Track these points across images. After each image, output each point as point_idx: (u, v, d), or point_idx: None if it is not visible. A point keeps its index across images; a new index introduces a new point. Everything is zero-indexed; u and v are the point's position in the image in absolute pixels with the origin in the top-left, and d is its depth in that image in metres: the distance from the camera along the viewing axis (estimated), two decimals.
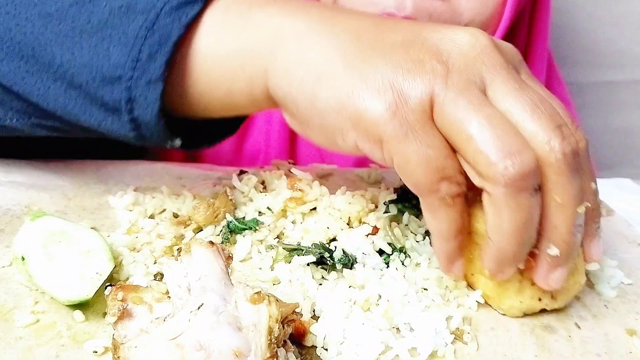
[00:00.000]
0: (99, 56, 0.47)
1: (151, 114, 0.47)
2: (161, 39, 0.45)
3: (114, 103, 0.47)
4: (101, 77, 0.47)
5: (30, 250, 0.44)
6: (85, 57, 0.47)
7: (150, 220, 0.55)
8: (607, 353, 0.44)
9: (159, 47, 0.45)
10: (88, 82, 0.47)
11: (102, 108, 0.48)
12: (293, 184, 0.56)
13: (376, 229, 0.51)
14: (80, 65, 0.47)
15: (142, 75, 0.46)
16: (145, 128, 0.48)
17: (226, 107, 0.50)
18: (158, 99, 0.46)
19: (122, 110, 0.47)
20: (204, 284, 0.38)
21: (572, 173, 0.41)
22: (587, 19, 1.19)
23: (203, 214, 0.53)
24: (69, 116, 0.51)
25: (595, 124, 1.19)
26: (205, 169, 0.69)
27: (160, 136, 0.49)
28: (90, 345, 0.41)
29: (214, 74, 0.48)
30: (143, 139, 0.49)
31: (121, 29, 0.46)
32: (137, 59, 0.46)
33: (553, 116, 0.41)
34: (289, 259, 0.49)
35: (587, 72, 1.21)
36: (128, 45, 0.46)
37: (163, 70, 0.45)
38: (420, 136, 0.40)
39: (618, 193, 0.70)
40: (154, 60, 0.45)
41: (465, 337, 0.44)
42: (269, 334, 0.36)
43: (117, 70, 0.46)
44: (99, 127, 0.50)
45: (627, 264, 0.55)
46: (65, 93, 0.49)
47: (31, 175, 0.63)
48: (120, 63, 0.46)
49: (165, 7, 0.46)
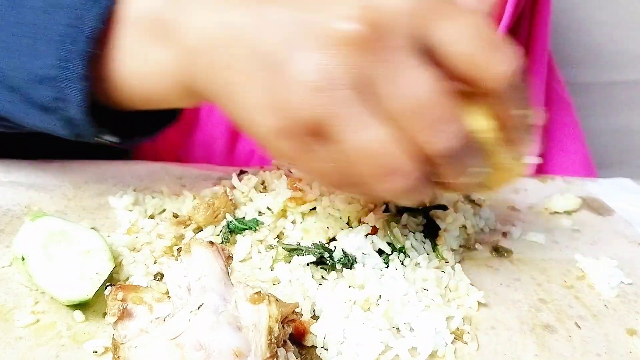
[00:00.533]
0: (30, 57, 0.47)
1: (79, 111, 0.47)
2: (80, 35, 0.45)
3: (47, 103, 0.48)
4: (34, 77, 0.47)
5: (30, 250, 0.44)
6: (18, 59, 0.48)
7: (150, 220, 0.55)
8: (607, 353, 0.44)
9: (79, 44, 0.45)
10: (22, 83, 0.48)
11: (38, 108, 0.49)
12: (293, 184, 0.56)
13: (375, 229, 0.51)
14: (14, 67, 0.48)
15: (66, 74, 0.46)
16: (76, 126, 0.49)
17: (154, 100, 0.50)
18: (81, 96, 0.46)
19: (54, 109, 0.48)
20: (204, 284, 0.38)
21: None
22: (587, 20, 1.19)
23: (203, 214, 0.53)
24: (13, 118, 0.52)
25: (595, 124, 1.19)
26: (205, 169, 0.69)
27: (91, 132, 0.49)
28: (90, 345, 0.41)
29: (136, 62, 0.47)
30: (79, 136, 0.50)
31: (50, 27, 0.46)
32: (60, 57, 0.46)
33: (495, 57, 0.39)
34: (289, 259, 0.49)
35: (587, 72, 1.21)
36: (54, 44, 0.46)
37: (83, 67, 0.45)
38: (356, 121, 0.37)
39: (618, 193, 0.70)
40: (75, 56, 0.45)
41: (465, 337, 0.44)
42: (269, 334, 0.36)
43: (46, 70, 0.47)
44: (41, 127, 0.51)
45: (627, 264, 0.55)
46: (7, 97, 0.50)
47: (31, 175, 0.63)
48: (47, 63, 0.46)
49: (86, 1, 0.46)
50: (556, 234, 0.60)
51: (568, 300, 0.50)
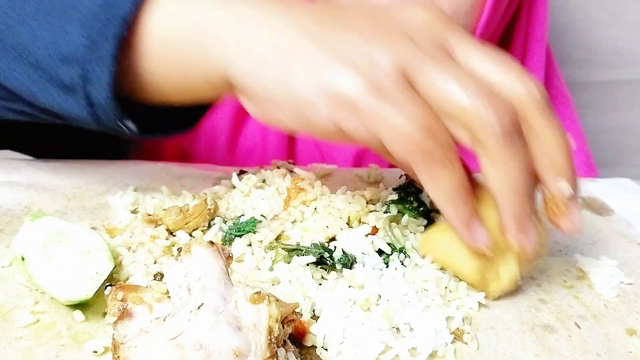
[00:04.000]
0: (57, 35, 0.47)
1: (104, 93, 0.47)
2: (113, 17, 0.45)
3: (70, 82, 0.47)
4: (59, 56, 0.47)
5: (30, 250, 0.44)
6: (44, 37, 0.47)
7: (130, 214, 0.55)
8: (607, 353, 0.44)
9: (111, 25, 0.45)
10: (47, 61, 0.48)
11: (60, 88, 0.48)
12: (295, 183, 0.56)
13: (376, 229, 0.51)
14: (40, 44, 0.48)
15: (94, 54, 0.46)
16: (99, 108, 0.48)
17: (181, 90, 0.49)
18: (108, 77, 0.46)
19: (77, 89, 0.47)
20: (204, 283, 0.38)
21: (552, 112, 0.43)
22: (587, 19, 1.19)
23: (174, 218, 0.53)
24: (31, 97, 0.51)
25: (595, 123, 1.19)
26: (205, 169, 0.69)
27: (113, 117, 0.49)
28: (90, 345, 0.41)
29: (167, 55, 0.47)
30: (98, 120, 0.49)
31: (79, 8, 0.46)
32: (89, 37, 0.46)
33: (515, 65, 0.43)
34: (289, 259, 0.49)
35: (587, 71, 1.21)
36: (84, 23, 0.46)
37: (113, 48, 0.45)
38: (399, 100, 0.40)
39: (618, 193, 0.70)
40: (106, 39, 0.45)
41: (465, 337, 0.44)
42: (269, 334, 0.36)
43: (73, 49, 0.46)
44: (59, 109, 0.50)
45: (627, 263, 0.55)
46: (27, 74, 0.49)
47: (31, 175, 0.63)
48: (76, 42, 0.46)
49: None
50: (556, 234, 0.60)
51: (568, 300, 0.50)
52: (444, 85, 0.40)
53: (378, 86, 0.40)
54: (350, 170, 0.70)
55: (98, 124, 0.50)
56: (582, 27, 1.19)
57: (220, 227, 0.54)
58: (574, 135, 0.89)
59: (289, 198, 0.55)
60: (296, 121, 0.44)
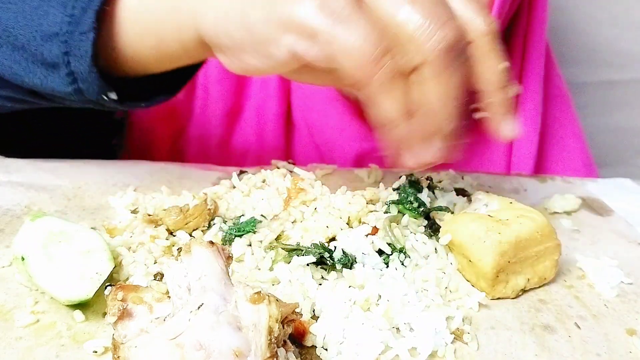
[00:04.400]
0: (38, 16, 0.51)
1: (85, 64, 0.50)
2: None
3: (52, 58, 0.51)
4: (41, 35, 0.51)
5: (30, 250, 0.44)
6: (27, 19, 0.51)
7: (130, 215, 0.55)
8: (607, 353, 0.44)
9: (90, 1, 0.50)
10: (29, 41, 0.51)
11: (43, 65, 0.52)
12: (295, 183, 0.56)
13: (376, 229, 0.51)
14: (23, 26, 0.52)
15: (76, 29, 0.50)
16: (81, 81, 0.52)
17: (158, 57, 0.53)
18: (90, 48, 0.50)
19: (60, 64, 0.51)
20: (204, 283, 0.38)
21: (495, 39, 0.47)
22: (587, 19, 1.19)
23: (174, 218, 0.53)
24: (16, 79, 0.54)
25: (595, 123, 1.19)
26: (206, 169, 0.69)
27: (95, 89, 0.52)
28: (90, 345, 0.41)
29: (143, 22, 0.51)
30: (81, 93, 0.53)
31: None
32: (71, 14, 0.50)
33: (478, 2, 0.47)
34: (289, 259, 0.49)
35: (587, 71, 1.21)
36: (63, 3, 0.50)
37: (93, 21, 0.49)
38: (351, 20, 0.42)
39: (618, 193, 0.70)
40: (85, 13, 0.49)
41: (465, 337, 0.44)
42: (269, 334, 0.36)
43: (55, 27, 0.50)
44: (43, 87, 0.53)
45: (627, 264, 0.55)
46: (11, 56, 0.53)
47: (31, 175, 0.63)
48: (57, 20, 0.50)
49: None
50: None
51: (568, 300, 0.50)
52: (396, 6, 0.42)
53: (331, 10, 0.42)
54: (350, 170, 0.70)
55: (81, 98, 0.53)
56: (582, 27, 1.19)
57: (220, 227, 0.54)
58: (574, 134, 0.90)
59: (289, 198, 0.55)
60: (262, 61, 0.47)
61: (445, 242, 0.51)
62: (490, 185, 0.70)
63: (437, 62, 0.42)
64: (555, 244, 0.50)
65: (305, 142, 0.85)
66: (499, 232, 0.48)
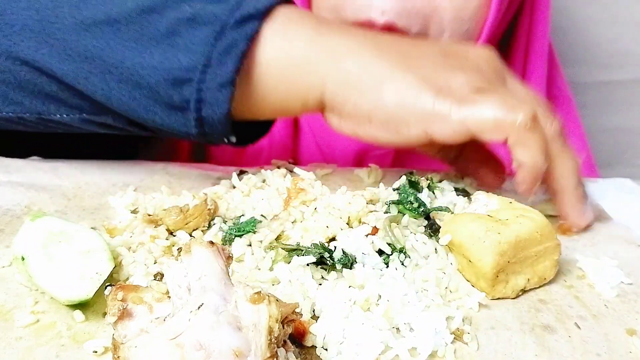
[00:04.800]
0: (168, 60, 0.52)
1: (220, 114, 0.52)
2: (229, 47, 0.51)
3: (181, 103, 0.52)
4: (171, 79, 0.52)
5: (30, 250, 0.44)
6: (155, 61, 0.52)
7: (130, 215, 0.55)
8: (607, 353, 0.44)
9: (229, 55, 0.51)
10: (157, 83, 0.52)
11: (167, 107, 0.53)
12: (295, 183, 0.56)
13: (376, 229, 0.51)
14: (150, 67, 0.52)
15: (213, 79, 0.51)
16: (209, 126, 0.54)
17: (278, 109, 0.57)
18: (228, 101, 0.51)
19: (189, 110, 0.52)
20: (204, 283, 0.38)
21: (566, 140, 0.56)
22: (587, 19, 1.19)
23: (174, 218, 0.53)
24: (129, 113, 0.55)
25: (595, 123, 1.19)
26: (206, 169, 0.69)
27: (222, 134, 0.54)
28: (90, 345, 0.41)
29: (274, 80, 0.54)
30: (203, 136, 0.55)
31: (188, 38, 0.52)
32: (206, 64, 0.51)
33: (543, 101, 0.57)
34: (289, 259, 0.49)
35: (587, 71, 1.21)
36: (197, 52, 0.51)
37: (233, 75, 0.51)
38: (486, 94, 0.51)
39: (617, 193, 0.70)
40: (224, 66, 0.51)
41: (465, 337, 0.44)
42: (269, 334, 0.36)
43: (188, 73, 0.51)
44: (160, 125, 0.55)
45: (627, 263, 0.55)
46: (130, 93, 0.53)
47: (31, 175, 0.63)
48: (190, 67, 0.51)
49: (229, 20, 0.51)
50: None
51: (568, 300, 0.50)
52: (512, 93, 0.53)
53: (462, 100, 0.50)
54: (350, 170, 0.70)
55: (201, 138, 0.55)
56: (583, 27, 1.19)
57: (220, 227, 0.54)
58: (576, 135, 0.90)
59: (289, 198, 0.55)
60: (388, 136, 0.53)
61: (445, 242, 0.51)
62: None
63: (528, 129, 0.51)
64: (555, 244, 0.50)
65: (309, 143, 0.85)
66: (499, 232, 0.48)
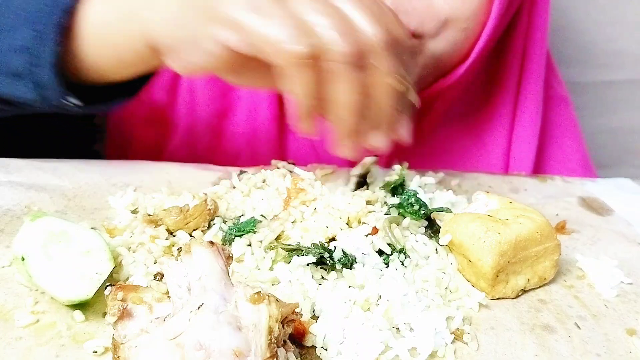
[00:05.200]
0: (10, 32, 0.57)
1: (49, 73, 0.55)
2: (55, 10, 0.55)
3: (19, 70, 0.57)
4: (10, 48, 0.57)
5: (30, 250, 0.44)
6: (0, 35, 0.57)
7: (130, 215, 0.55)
8: (607, 353, 0.44)
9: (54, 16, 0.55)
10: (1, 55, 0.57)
11: (10, 76, 0.58)
12: (295, 183, 0.56)
13: (376, 230, 0.51)
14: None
15: (41, 42, 0.55)
16: (45, 88, 0.57)
17: (115, 65, 0.59)
18: (53, 59, 0.55)
19: (26, 75, 0.57)
20: (204, 283, 0.38)
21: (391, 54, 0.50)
22: (586, 19, 1.19)
23: (174, 218, 0.53)
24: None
25: (594, 124, 1.19)
26: (205, 169, 0.69)
27: (58, 95, 0.57)
28: (90, 345, 0.41)
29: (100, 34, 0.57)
30: (45, 99, 0.58)
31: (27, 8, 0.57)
32: (37, 29, 0.55)
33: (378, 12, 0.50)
34: (289, 260, 0.49)
35: (587, 72, 1.21)
36: (31, 20, 0.56)
37: (56, 34, 0.55)
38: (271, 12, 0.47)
39: (618, 193, 0.70)
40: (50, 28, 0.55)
41: (465, 337, 0.44)
42: (269, 334, 0.36)
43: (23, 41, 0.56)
44: (9, 95, 0.59)
45: (627, 263, 0.55)
46: None
47: (31, 175, 0.63)
48: (25, 35, 0.56)
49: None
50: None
51: (568, 300, 0.50)
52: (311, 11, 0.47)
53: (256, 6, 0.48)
54: (350, 170, 0.70)
55: (44, 103, 0.58)
56: (582, 28, 1.19)
57: (220, 227, 0.54)
58: (573, 138, 0.90)
59: (289, 198, 0.55)
60: (200, 57, 0.51)
61: (445, 242, 0.51)
62: (490, 185, 0.70)
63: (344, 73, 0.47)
64: (555, 244, 0.50)
65: (301, 141, 0.85)
66: (499, 232, 0.48)
